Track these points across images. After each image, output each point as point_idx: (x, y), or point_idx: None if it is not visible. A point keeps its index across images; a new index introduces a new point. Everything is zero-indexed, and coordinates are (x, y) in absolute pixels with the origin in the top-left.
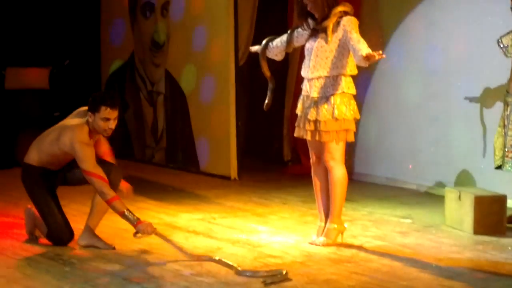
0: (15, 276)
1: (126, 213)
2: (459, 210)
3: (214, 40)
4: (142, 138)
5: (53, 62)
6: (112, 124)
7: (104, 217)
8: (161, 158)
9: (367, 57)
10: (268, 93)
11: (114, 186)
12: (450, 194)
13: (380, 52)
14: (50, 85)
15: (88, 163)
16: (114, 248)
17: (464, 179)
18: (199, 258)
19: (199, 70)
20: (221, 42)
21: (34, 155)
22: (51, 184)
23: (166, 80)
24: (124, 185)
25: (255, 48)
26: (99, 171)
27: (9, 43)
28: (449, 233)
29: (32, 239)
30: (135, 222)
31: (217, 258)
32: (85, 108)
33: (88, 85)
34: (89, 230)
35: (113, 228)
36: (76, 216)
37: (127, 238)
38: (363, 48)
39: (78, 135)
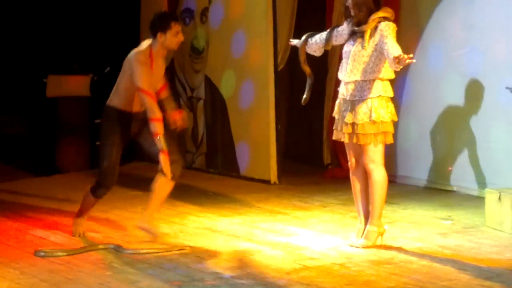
0: (56, 280)
1: (159, 137)
2: (500, 211)
3: (253, 45)
4: (182, 144)
5: (94, 69)
6: (182, 36)
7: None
8: (202, 163)
9: (398, 60)
10: (307, 88)
11: (173, 177)
12: (490, 195)
13: (411, 55)
14: (91, 92)
15: (142, 81)
16: (158, 237)
17: (504, 180)
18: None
19: (239, 75)
20: (260, 47)
21: (113, 96)
22: (125, 130)
23: (206, 85)
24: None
25: (295, 42)
26: (152, 90)
27: (51, 51)
28: (489, 234)
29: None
30: (162, 150)
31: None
32: (147, 41)
33: None
34: (148, 215)
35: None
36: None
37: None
38: (395, 52)
39: (137, 54)
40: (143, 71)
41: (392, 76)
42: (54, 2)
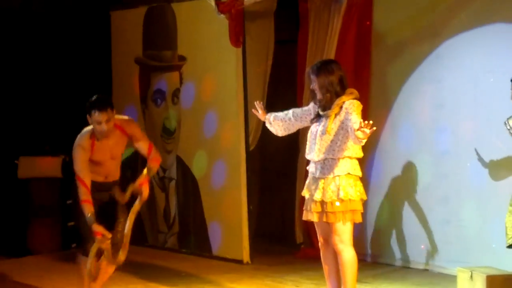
0: None
1: (89, 216)
2: None
3: (225, 126)
4: (154, 224)
5: (65, 150)
6: (104, 126)
7: None
8: (174, 243)
9: (358, 128)
10: None
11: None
12: (462, 274)
13: (371, 122)
14: (62, 173)
15: (76, 166)
16: None
17: (476, 258)
18: None
19: (210, 155)
20: (231, 128)
21: None
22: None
23: (177, 166)
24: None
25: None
26: (84, 175)
27: (22, 132)
28: None
29: None
30: (91, 226)
31: None
32: None
33: None
34: None
35: None
36: None
37: None
38: (356, 125)
39: (78, 139)
40: (77, 157)
41: (360, 154)
42: (24, 84)
